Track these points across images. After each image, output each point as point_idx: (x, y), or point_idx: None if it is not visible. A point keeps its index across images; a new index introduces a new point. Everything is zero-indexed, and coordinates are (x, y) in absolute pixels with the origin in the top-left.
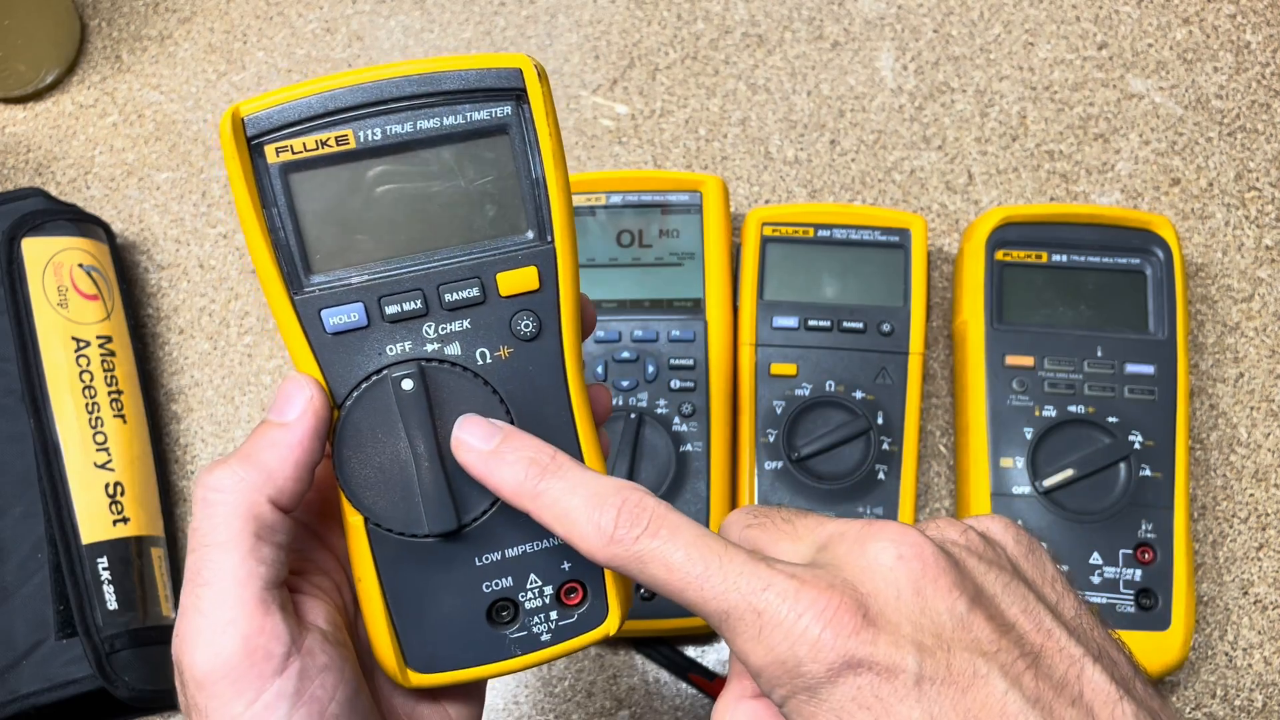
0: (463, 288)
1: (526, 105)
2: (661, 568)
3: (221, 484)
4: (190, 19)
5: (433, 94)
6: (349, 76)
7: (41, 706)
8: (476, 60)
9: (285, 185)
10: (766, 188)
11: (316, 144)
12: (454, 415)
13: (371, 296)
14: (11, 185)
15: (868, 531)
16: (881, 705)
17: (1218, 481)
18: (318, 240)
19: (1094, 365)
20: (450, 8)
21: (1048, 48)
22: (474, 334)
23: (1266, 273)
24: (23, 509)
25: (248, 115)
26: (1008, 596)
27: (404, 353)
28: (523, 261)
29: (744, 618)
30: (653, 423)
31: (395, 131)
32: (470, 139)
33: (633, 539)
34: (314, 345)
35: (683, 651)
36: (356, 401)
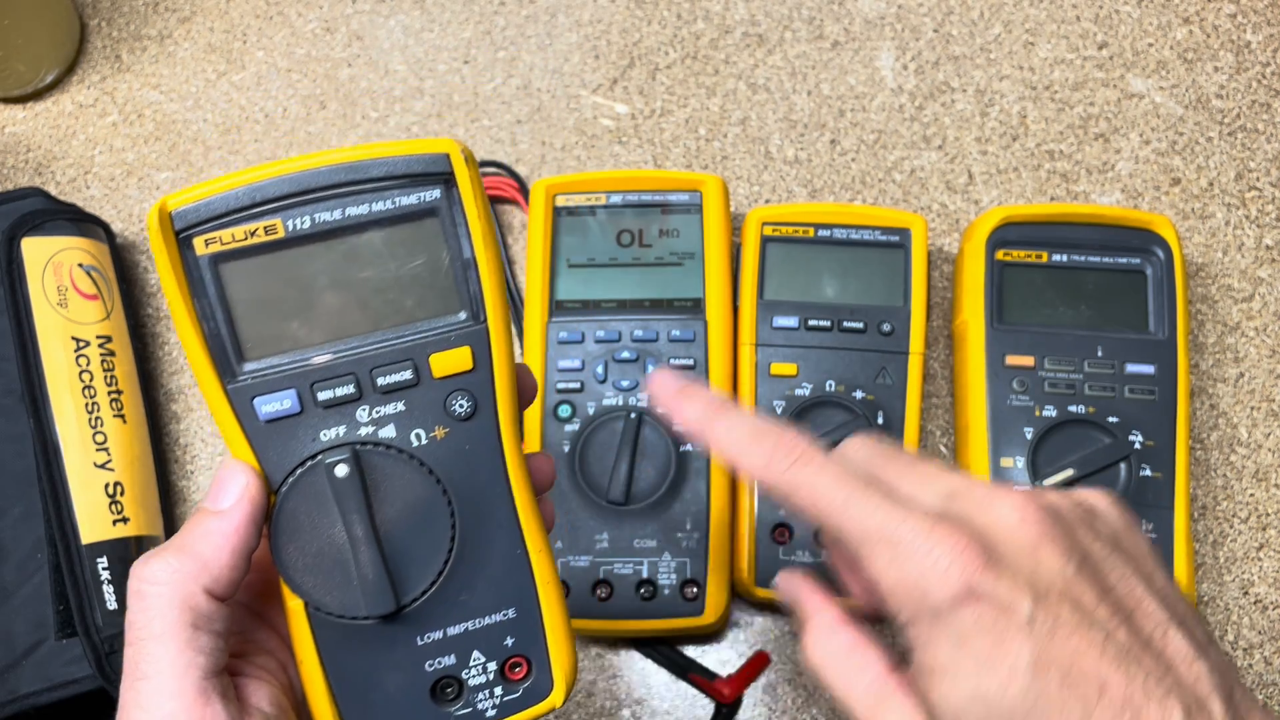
0: (396, 370)
1: (455, 188)
2: (809, 493)
3: (156, 575)
4: (190, 18)
5: (361, 181)
6: (277, 167)
7: (41, 706)
8: (403, 146)
9: (215, 275)
10: (766, 187)
11: (245, 234)
12: (390, 497)
13: (304, 383)
14: (11, 185)
15: (995, 493)
16: (995, 635)
17: (1218, 481)
18: (249, 329)
19: (1094, 365)
20: (450, 7)
21: (1048, 47)
22: (409, 416)
23: (1267, 272)
24: (22, 509)
25: (175, 209)
26: (1108, 564)
27: (338, 437)
28: (455, 342)
29: (879, 544)
30: (653, 423)
31: (324, 219)
32: (399, 223)
33: (785, 468)
34: (248, 433)
35: (683, 651)
36: (291, 488)
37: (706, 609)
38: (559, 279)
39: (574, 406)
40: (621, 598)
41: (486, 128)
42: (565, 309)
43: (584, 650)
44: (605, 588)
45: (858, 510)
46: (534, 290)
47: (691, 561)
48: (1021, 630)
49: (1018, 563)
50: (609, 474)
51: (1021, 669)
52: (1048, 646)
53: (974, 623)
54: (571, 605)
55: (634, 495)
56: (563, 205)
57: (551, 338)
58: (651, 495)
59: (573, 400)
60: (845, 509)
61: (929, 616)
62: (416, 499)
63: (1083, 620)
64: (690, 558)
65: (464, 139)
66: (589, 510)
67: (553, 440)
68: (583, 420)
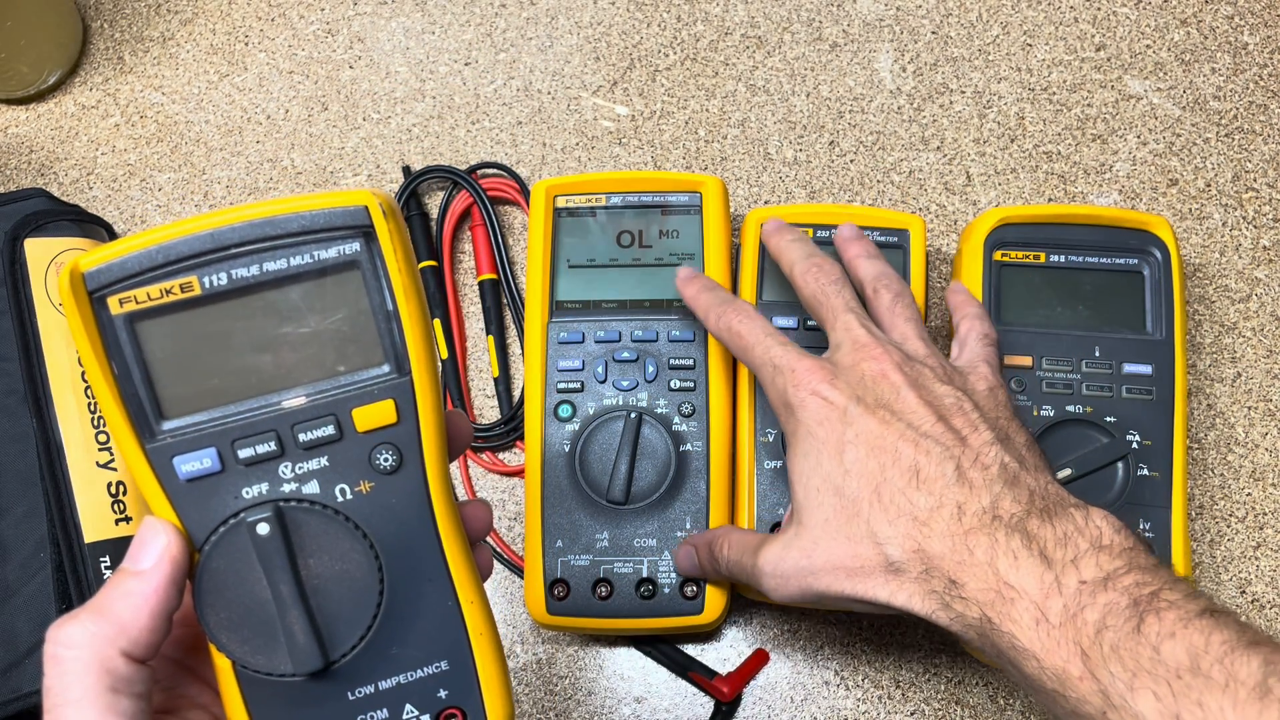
0: (318, 426)
1: (376, 240)
2: (735, 336)
3: (72, 639)
4: (192, 20)
5: (278, 237)
6: (192, 223)
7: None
8: (321, 200)
9: (131, 334)
10: (766, 188)
11: (161, 292)
12: (316, 553)
13: (224, 441)
14: (14, 186)
15: (867, 351)
16: (826, 422)
17: (1215, 481)
18: (167, 387)
19: (1092, 365)
20: (451, 9)
21: (1046, 49)
22: (332, 471)
23: (1264, 273)
24: (25, 508)
25: (87, 270)
26: (941, 391)
27: (260, 495)
28: (379, 396)
29: (769, 368)
30: (653, 422)
31: (241, 275)
32: (319, 277)
33: (719, 315)
34: (168, 492)
35: (682, 650)
36: (214, 547)
37: (706, 608)
38: (559, 279)
39: (574, 406)
40: (621, 596)
41: (487, 129)
42: (565, 309)
43: (584, 649)
44: (605, 586)
45: (762, 348)
46: (534, 291)
47: None
48: (841, 418)
49: (855, 383)
50: (609, 474)
51: (842, 441)
52: (860, 429)
53: (812, 413)
54: (572, 604)
55: (634, 495)
56: (563, 206)
57: (552, 338)
58: (651, 495)
59: (573, 400)
60: (755, 346)
61: (790, 417)
62: (342, 555)
63: (892, 416)
64: None
65: (464, 140)
66: (589, 510)
67: (553, 440)
68: (583, 420)
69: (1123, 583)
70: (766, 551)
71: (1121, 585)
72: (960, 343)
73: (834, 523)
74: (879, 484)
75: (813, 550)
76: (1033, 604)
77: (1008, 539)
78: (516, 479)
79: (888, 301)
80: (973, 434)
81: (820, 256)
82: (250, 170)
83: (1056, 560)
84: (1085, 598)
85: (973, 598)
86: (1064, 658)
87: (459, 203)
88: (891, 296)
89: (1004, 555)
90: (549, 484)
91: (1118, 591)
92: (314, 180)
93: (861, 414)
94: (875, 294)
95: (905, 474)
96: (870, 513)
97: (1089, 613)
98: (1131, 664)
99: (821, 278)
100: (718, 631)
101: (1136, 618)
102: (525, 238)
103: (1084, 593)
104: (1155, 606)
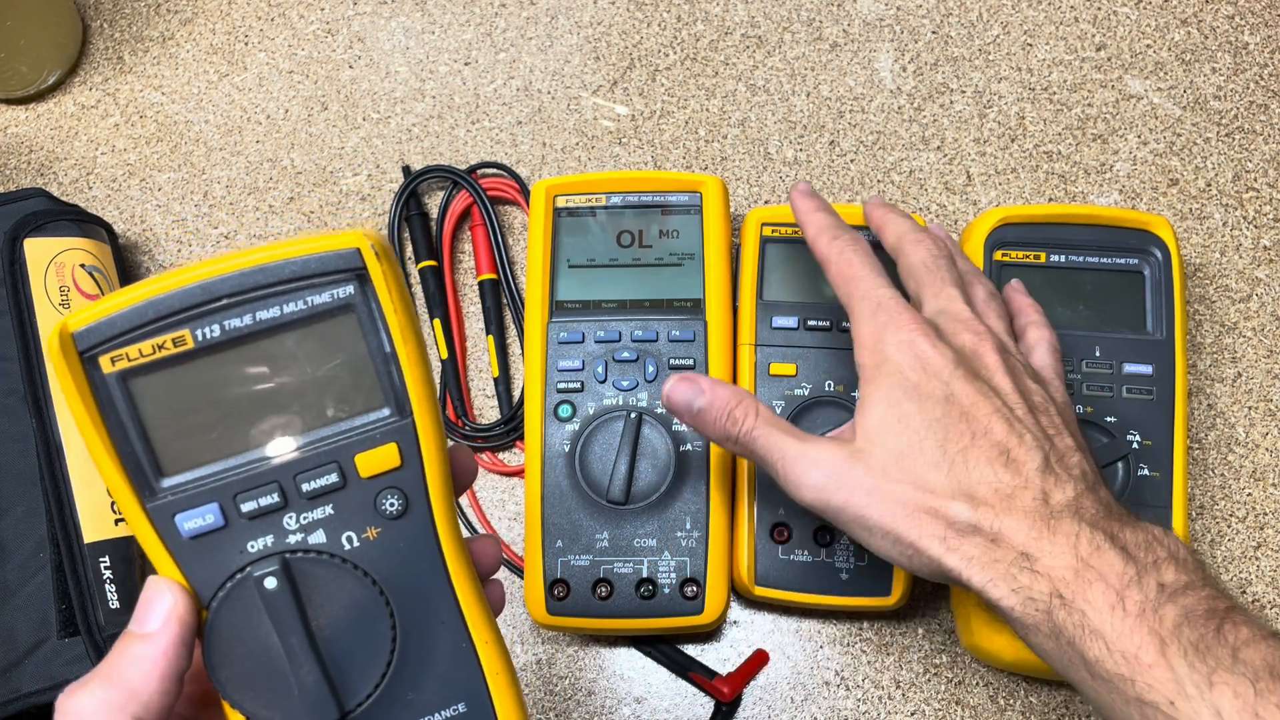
0: (321, 475)
1: (370, 282)
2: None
3: (83, 708)
4: (192, 20)
5: (270, 284)
6: (181, 275)
7: (43, 705)
8: (312, 244)
9: (125, 392)
10: (766, 188)
11: (153, 348)
12: (326, 603)
13: (226, 495)
14: (14, 186)
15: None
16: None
17: (1215, 481)
18: (165, 444)
19: (1092, 365)
20: (451, 9)
21: (1046, 49)
22: (338, 519)
23: (1264, 273)
24: (25, 508)
25: (76, 330)
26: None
27: (266, 548)
28: (381, 440)
29: (868, 302)
30: (653, 422)
31: (234, 325)
32: (314, 323)
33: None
34: (172, 551)
35: (682, 650)
36: (222, 603)
37: (706, 608)
38: (559, 279)
39: (574, 406)
40: (621, 597)
41: (487, 129)
42: (565, 309)
43: (584, 649)
44: (605, 586)
45: (871, 282)
46: (534, 291)
47: (691, 561)
48: (938, 375)
49: (956, 349)
50: (609, 474)
51: (936, 396)
52: (956, 390)
53: (909, 361)
54: (572, 604)
55: (634, 495)
56: (563, 206)
57: (552, 338)
58: (651, 495)
59: (573, 400)
60: (864, 279)
61: (878, 360)
62: (353, 603)
63: (990, 391)
64: (690, 557)
65: (464, 140)
66: (589, 510)
67: (553, 440)
68: (583, 420)
69: (1200, 593)
70: (823, 447)
71: (1199, 595)
72: (1029, 349)
73: (910, 460)
74: (966, 448)
75: (881, 474)
76: (1111, 589)
77: (1091, 531)
78: (516, 479)
79: (983, 296)
80: (1057, 436)
81: (930, 232)
82: (250, 170)
83: (1138, 559)
84: (1164, 597)
85: (1046, 573)
86: (1137, 643)
87: (459, 203)
88: (986, 293)
89: (1086, 542)
90: (549, 484)
91: (1196, 599)
92: (314, 180)
93: (960, 379)
94: (970, 285)
95: (995, 448)
96: (952, 470)
97: (1168, 609)
98: (1211, 661)
99: (934, 248)
100: (718, 631)
101: (1215, 622)
102: (525, 238)
103: (1164, 593)
104: (1232, 619)
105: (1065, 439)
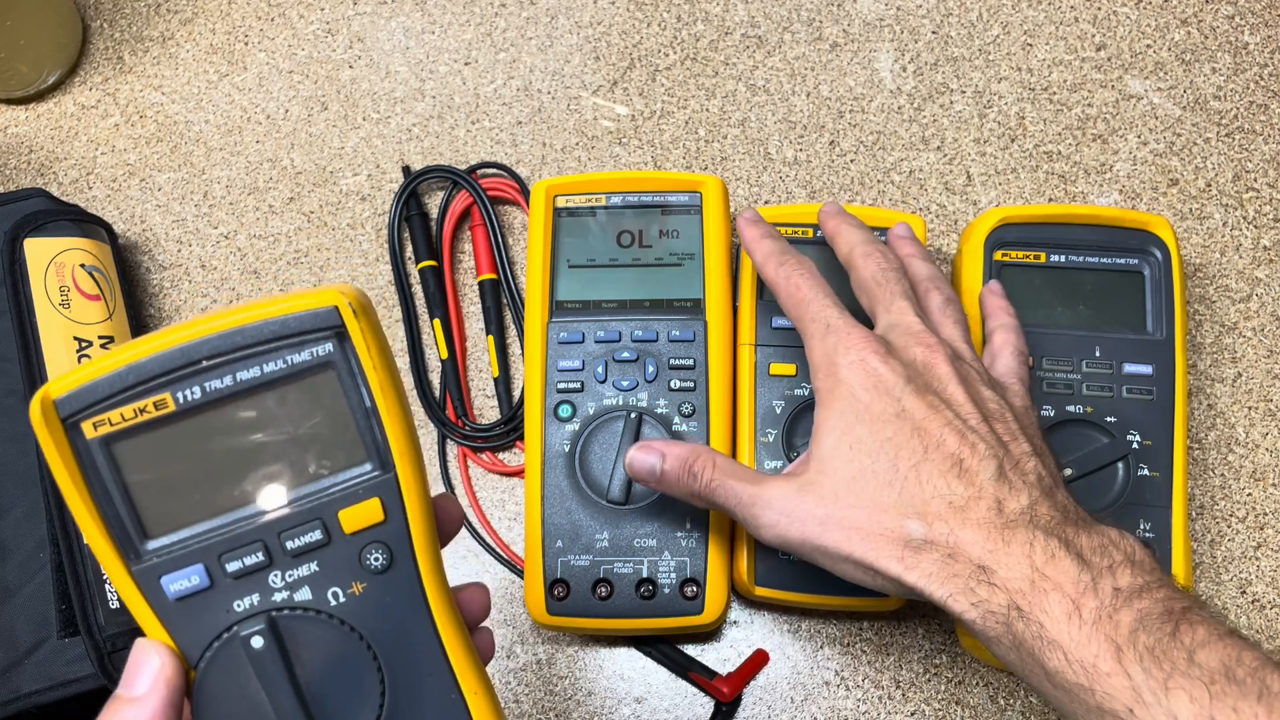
0: (305, 532)
1: (349, 339)
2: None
3: None
4: (192, 20)
5: (248, 346)
6: (160, 339)
7: (43, 705)
8: (290, 303)
9: (109, 457)
10: (766, 188)
11: (135, 412)
12: (313, 659)
13: (211, 556)
14: (14, 186)
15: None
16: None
17: (1215, 481)
18: (149, 506)
19: (1092, 365)
20: (451, 9)
21: (1046, 49)
22: (323, 576)
23: (1264, 273)
24: (25, 508)
25: (58, 397)
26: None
27: (252, 607)
28: (364, 495)
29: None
30: (653, 422)
31: (215, 387)
32: (294, 381)
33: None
34: (158, 612)
35: (682, 650)
36: (209, 664)
37: (706, 608)
38: (559, 279)
39: (574, 406)
40: (621, 597)
41: (487, 129)
42: (565, 309)
43: (584, 649)
44: (605, 586)
45: (819, 305)
46: (534, 291)
47: (691, 561)
48: (889, 392)
49: (907, 363)
50: (609, 474)
51: (887, 414)
52: (907, 406)
53: (860, 380)
54: (572, 604)
55: (634, 495)
56: (563, 206)
57: (552, 338)
58: (651, 495)
59: (573, 400)
60: (812, 302)
61: (831, 384)
62: (340, 658)
63: (942, 404)
64: (690, 557)
65: (464, 140)
66: (589, 510)
67: (553, 440)
68: (583, 420)
69: (1156, 595)
70: (776, 487)
71: (1155, 597)
72: (994, 354)
73: (862, 483)
74: (919, 463)
75: (833, 502)
76: (1067, 598)
77: (1045, 539)
78: (516, 479)
79: (939, 303)
80: (1013, 442)
81: (881, 244)
82: (250, 170)
83: (1093, 564)
84: (1120, 602)
85: (1002, 585)
86: (1094, 652)
87: (459, 203)
88: (943, 299)
89: (1041, 551)
90: (549, 484)
91: (1152, 601)
92: (314, 180)
93: (911, 394)
94: (926, 294)
95: (947, 460)
96: (904, 487)
97: (1124, 614)
98: (1167, 665)
99: (883, 262)
100: (718, 631)
101: (1171, 624)
102: (525, 238)
103: (1119, 597)
104: (1188, 619)
105: (1021, 444)
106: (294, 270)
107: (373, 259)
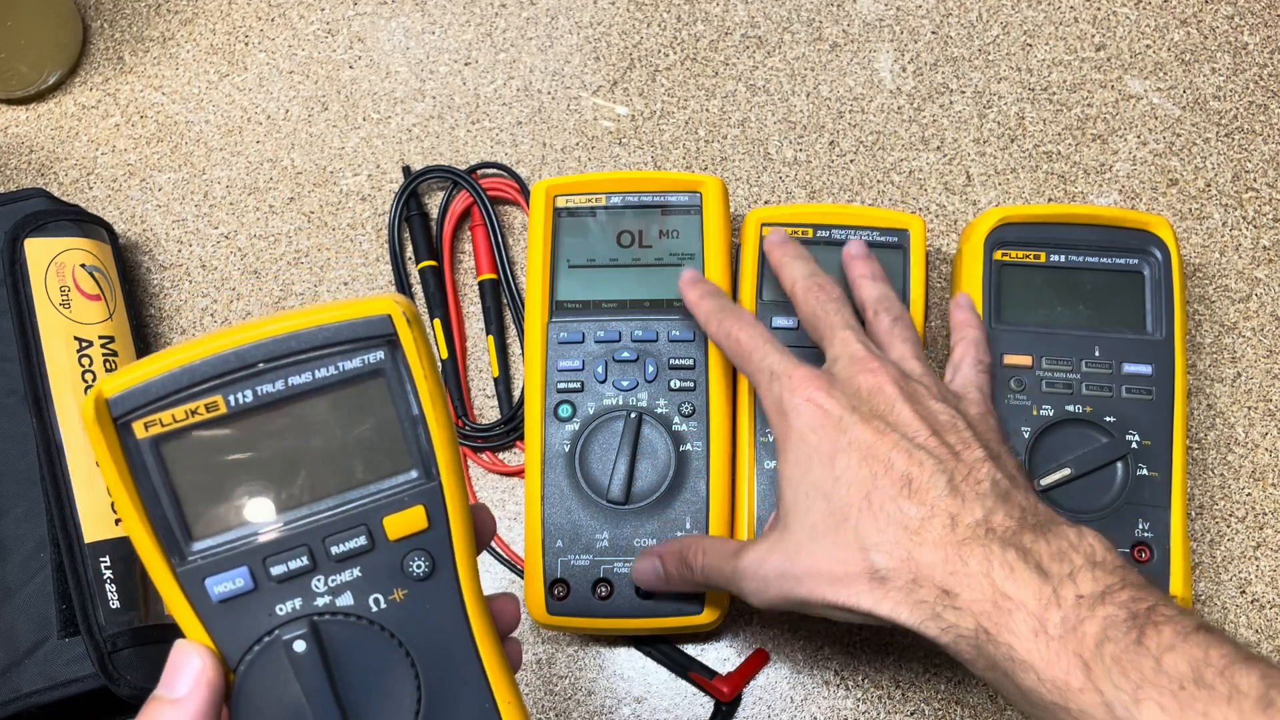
0: (349, 538)
1: (400, 348)
2: (732, 340)
3: None
4: (192, 20)
5: (301, 351)
6: (215, 342)
7: (44, 705)
8: (343, 310)
9: (158, 458)
10: (766, 188)
11: (186, 414)
12: (353, 665)
13: (256, 559)
14: (14, 186)
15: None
16: (820, 429)
17: (1215, 481)
18: (196, 508)
19: (1092, 365)
20: (451, 9)
21: (1046, 49)
22: (365, 581)
23: (1264, 273)
24: (25, 508)
25: (111, 396)
26: (936, 408)
27: (294, 611)
28: (409, 502)
29: (765, 373)
30: (653, 422)
31: (267, 391)
32: (344, 387)
33: (720, 320)
34: (201, 614)
35: (682, 649)
36: (250, 666)
37: (706, 608)
38: (559, 279)
39: (574, 406)
40: (621, 596)
41: (487, 129)
42: (565, 309)
43: (584, 649)
44: (605, 586)
45: (760, 354)
46: (534, 291)
47: None
48: (836, 425)
49: (851, 394)
50: (609, 474)
51: (835, 448)
52: (853, 437)
53: (806, 420)
54: (572, 604)
55: (634, 495)
56: (563, 206)
57: (552, 338)
58: (651, 495)
59: (573, 400)
60: (753, 353)
61: (784, 430)
62: (379, 665)
63: (887, 427)
64: None
65: (464, 140)
66: (589, 510)
67: (553, 440)
68: (583, 420)
69: (1119, 598)
70: (748, 554)
71: (1119, 600)
72: (954, 366)
73: (820, 528)
74: (869, 492)
75: (796, 555)
76: (1031, 615)
77: (1003, 551)
78: (516, 479)
79: (887, 324)
80: (965, 450)
81: (822, 276)
82: (250, 170)
83: (1053, 573)
84: (1084, 610)
85: (967, 608)
86: (1064, 669)
87: (459, 203)
88: (891, 319)
89: (999, 567)
90: (549, 484)
91: (1115, 605)
92: (314, 180)
93: (856, 423)
94: (875, 315)
95: (897, 483)
96: (859, 520)
97: (1089, 625)
98: (1135, 675)
99: (822, 296)
100: (718, 631)
101: (1136, 630)
102: (525, 238)
103: (1082, 606)
104: (1153, 620)
105: (974, 451)
106: (294, 270)
107: (373, 259)
